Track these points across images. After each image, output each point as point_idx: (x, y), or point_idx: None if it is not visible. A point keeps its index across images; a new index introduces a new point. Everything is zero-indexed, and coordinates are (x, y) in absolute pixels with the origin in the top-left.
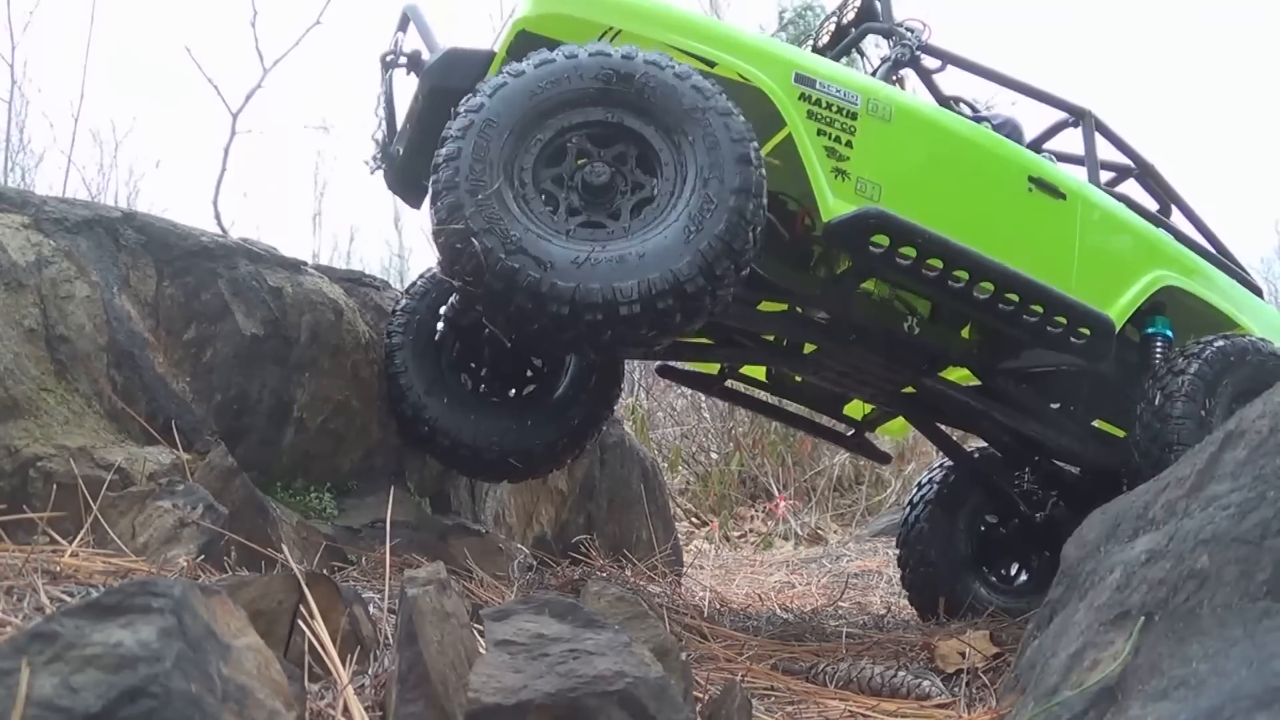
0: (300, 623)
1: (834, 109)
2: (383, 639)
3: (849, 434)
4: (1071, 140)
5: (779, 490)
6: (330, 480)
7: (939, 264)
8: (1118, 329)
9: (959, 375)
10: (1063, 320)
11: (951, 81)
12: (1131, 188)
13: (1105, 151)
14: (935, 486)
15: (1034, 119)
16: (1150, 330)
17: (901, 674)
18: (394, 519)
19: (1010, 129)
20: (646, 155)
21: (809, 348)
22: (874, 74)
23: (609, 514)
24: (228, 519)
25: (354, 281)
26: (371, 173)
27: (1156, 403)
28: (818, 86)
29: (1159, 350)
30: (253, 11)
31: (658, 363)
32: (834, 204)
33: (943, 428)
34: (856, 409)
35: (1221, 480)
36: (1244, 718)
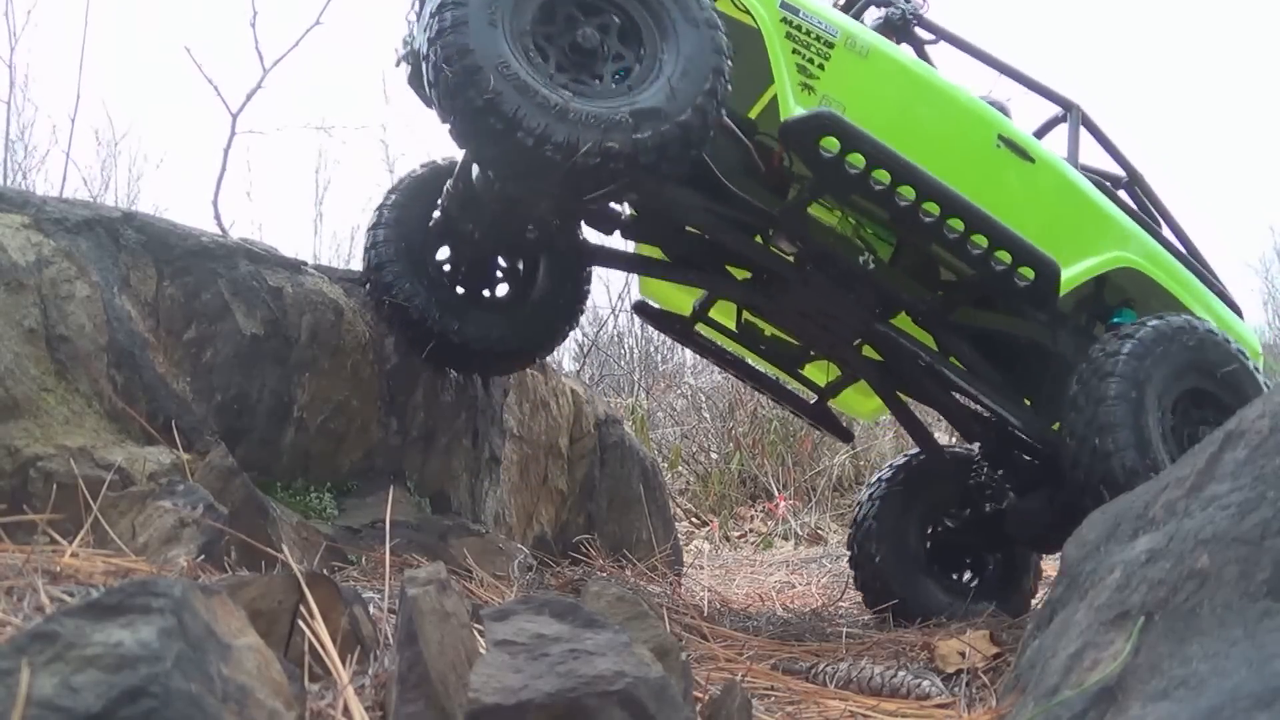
0: (300, 623)
1: (812, 35)
2: (383, 639)
3: (812, 401)
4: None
5: (779, 490)
6: (330, 480)
7: (886, 177)
8: (1064, 285)
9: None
10: (1006, 257)
11: (948, 63)
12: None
13: (1100, 161)
14: (886, 485)
15: (1031, 115)
16: (1116, 321)
17: (901, 674)
18: (394, 519)
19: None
20: (626, 28)
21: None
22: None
23: (609, 514)
24: (228, 519)
25: (354, 281)
26: (396, 64)
27: (1087, 413)
28: (800, 15)
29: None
30: (253, 11)
31: (635, 300)
32: (793, 107)
33: (913, 412)
34: (821, 375)
35: (1221, 480)
36: (1244, 718)
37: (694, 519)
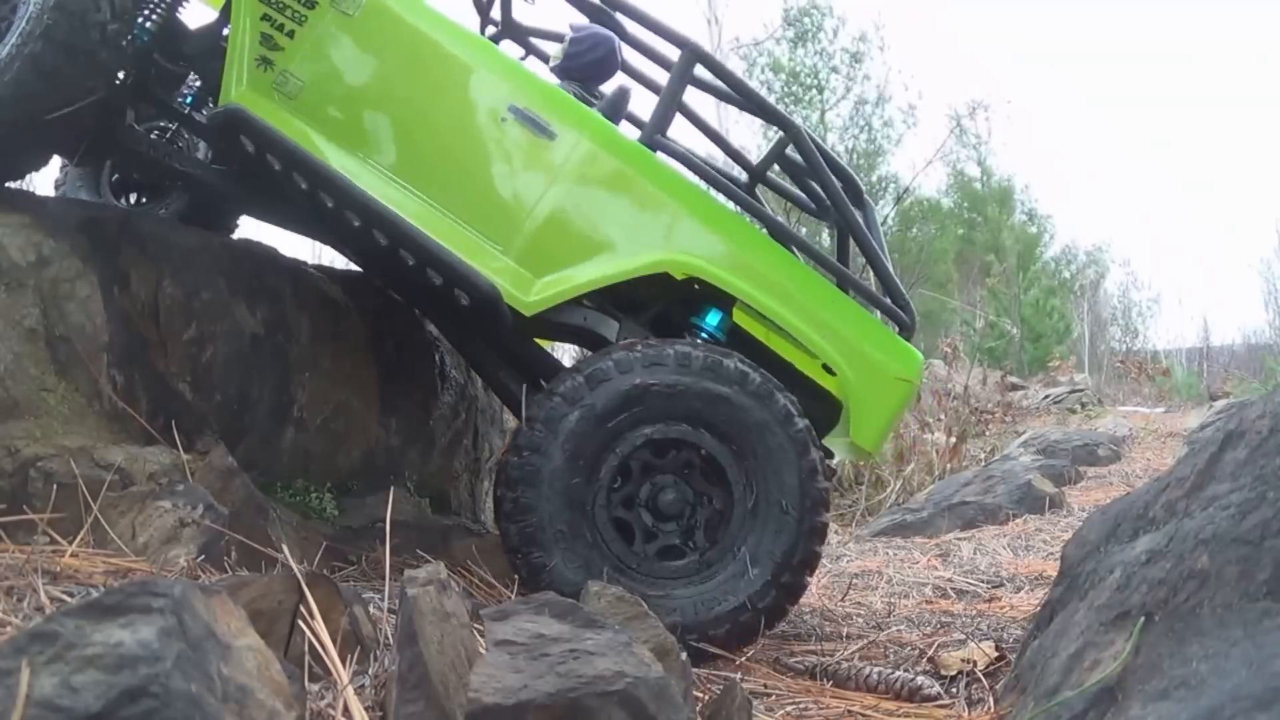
0: (300, 623)
1: None
2: (383, 639)
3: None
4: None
5: None
6: (330, 480)
7: (304, 181)
8: (534, 305)
9: None
10: (436, 276)
11: None
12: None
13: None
14: None
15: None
16: (695, 320)
17: (901, 674)
18: (394, 519)
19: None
20: None
21: None
22: None
23: None
24: (228, 519)
25: (354, 281)
26: None
27: (507, 491)
28: None
29: None
30: None
31: None
32: (233, 94)
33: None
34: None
35: (1221, 480)
36: (1244, 718)
37: None
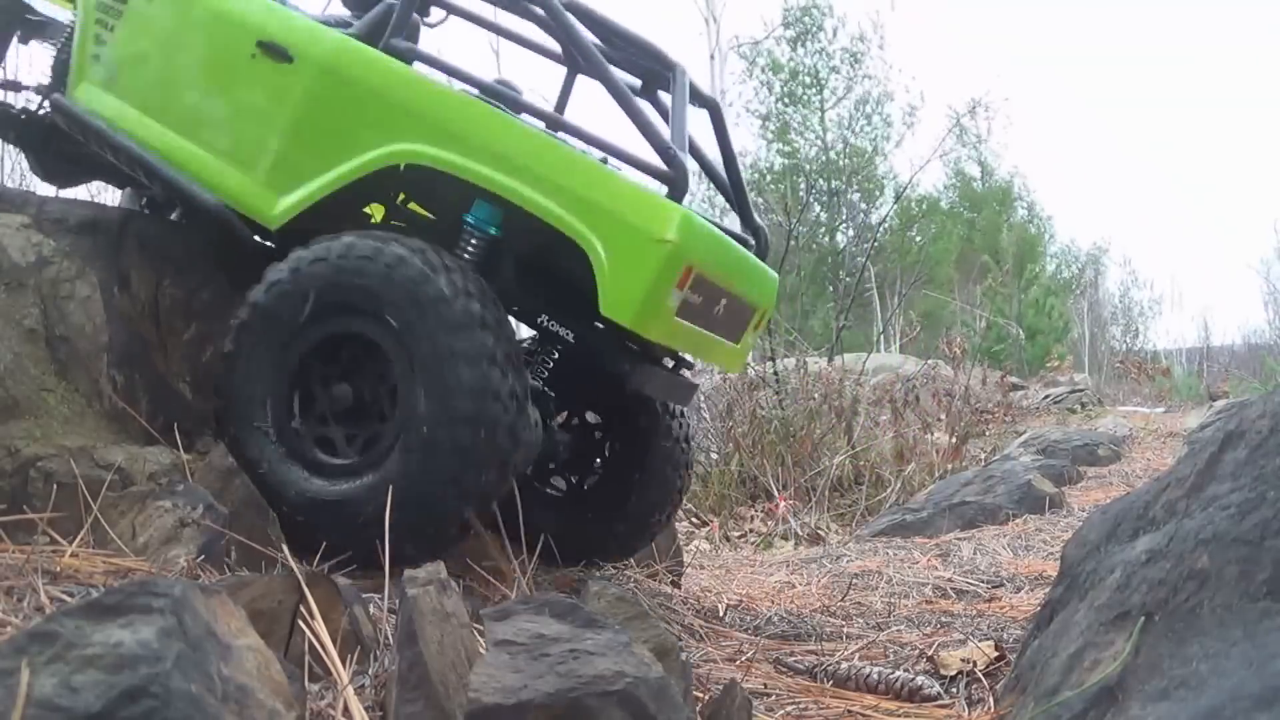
0: (300, 623)
1: None
2: (383, 639)
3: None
4: None
5: (779, 490)
6: None
7: (109, 153)
8: (278, 217)
9: None
10: (185, 206)
11: None
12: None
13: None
14: None
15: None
16: (466, 218)
17: (901, 674)
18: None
19: None
20: None
21: None
22: None
23: None
24: (228, 519)
25: None
26: None
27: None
28: None
29: (471, 245)
30: None
31: None
32: (74, 91)
33: None
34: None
35: (1221, 480)
36: (1244, 718)
37: (694, 519)
